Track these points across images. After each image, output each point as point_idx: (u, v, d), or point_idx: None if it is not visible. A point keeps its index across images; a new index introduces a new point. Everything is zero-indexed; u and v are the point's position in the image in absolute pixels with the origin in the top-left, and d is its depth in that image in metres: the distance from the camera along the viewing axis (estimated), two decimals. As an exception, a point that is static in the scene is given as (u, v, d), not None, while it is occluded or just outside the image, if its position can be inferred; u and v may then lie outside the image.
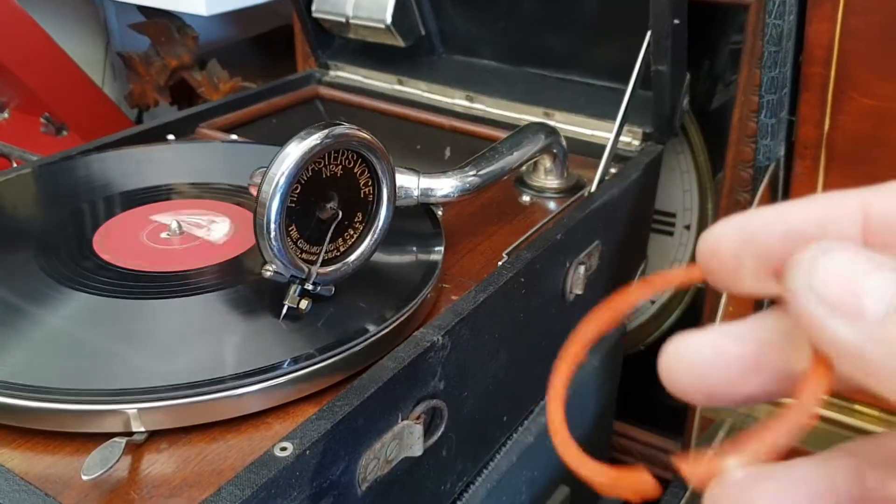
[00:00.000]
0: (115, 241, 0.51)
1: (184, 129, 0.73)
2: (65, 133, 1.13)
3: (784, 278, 0.18)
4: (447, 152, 0.77)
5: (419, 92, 0.82)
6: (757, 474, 0.18)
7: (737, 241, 0.20)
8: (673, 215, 0.83)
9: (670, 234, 0.84)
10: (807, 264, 0.18)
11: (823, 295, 0.17)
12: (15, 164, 0.89)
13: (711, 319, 0.78)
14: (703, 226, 0.82)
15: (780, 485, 0.19)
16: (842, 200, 0.19)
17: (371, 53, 0.86)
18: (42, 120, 1.12)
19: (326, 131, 0.43)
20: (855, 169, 0.59)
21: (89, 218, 0.55)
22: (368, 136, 0.45)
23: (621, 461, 0.93)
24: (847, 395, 0.67)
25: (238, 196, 0.58)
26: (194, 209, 0.55)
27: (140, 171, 0.61)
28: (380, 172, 0.47)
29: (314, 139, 0.42)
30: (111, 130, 0.70)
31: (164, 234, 0.51)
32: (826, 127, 0.59)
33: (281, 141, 0.43)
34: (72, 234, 0.52)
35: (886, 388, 0.17)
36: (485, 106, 0.78)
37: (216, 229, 0.52)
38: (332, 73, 0.87)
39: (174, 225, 0.52)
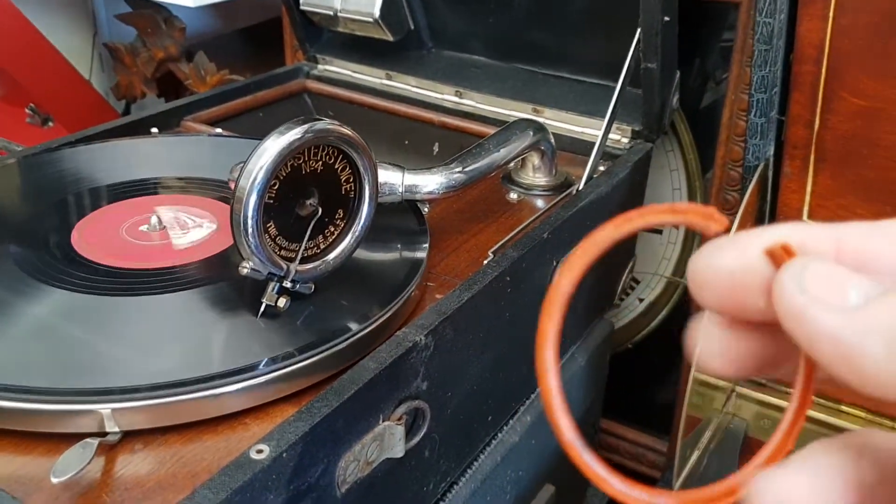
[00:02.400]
0: (94, 236, 0.50)
1: (169, 122, 0.72)
2: (50, 124, 1.11)
3: (775, 279, 0.20)
4: (436, 148, 0.77)
5: (408, 87, 0.81)
6: (781, 471, 0.20)
7: (730, 272, 0.22)
8: (662, 213, 0.83)
9: (659, 232, 0.83)
10: (798, 266, 0.20)
11: (811, 288, 0.19)
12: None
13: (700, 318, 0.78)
14: (692, 224, 0.82)
15: (804, 476, 0.20)
16: (819, 231, 0.22)
17: (360, 47, 0.85)
18: (27, 111, 1.11)
19: (306, 126, 0.42)
20: (844, 169, 0.59)
21: (69, 211, 0.54)
22: (350, 132, 0.44)
23: (608, 459, 0.93)
24: (833, 395, 0.67)
25: (221, 191, 0.57)
26: (177, 205, 0.54)
27: (123, 165, 0.60)
28: (361, 169, 0.46)
29: (294, 134, 0.41)
30: (97, 122, 0.69)
31: (143, 229, 0.51)
32: (816, 127, 0.58)
33: (267, 135, 0.42)
34: (50, 228, 0.51)
35: (859, 376, 0.19)
36: (474, 102, 0.78)
37: (197, 231, 0.51)
38: (320, 66, 0.86)
39: (154, 220, 0.51)
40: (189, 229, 0.51)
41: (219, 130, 0.70)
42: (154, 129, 0.69)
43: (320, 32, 0.87)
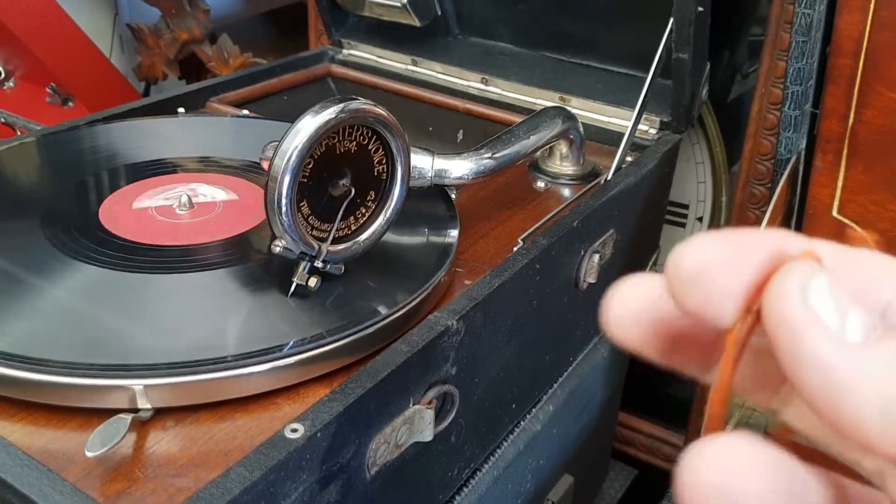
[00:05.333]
0: (123, 214, 0.50)
1: (193, 103, 0.72)
2: (71, 104, 1.11)
3: (776, 280, 0.18)
4: (460, 135, 0.76)
5: (433, 73, 0.81)
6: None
7: (721, 264, 0.19)
8: (686, 206, 0.82)
9: (682, 225, 0.83)
10: (805, 272, 0.18)
11: (815, 304, 0.17)
12: (19, 134, 0.87)
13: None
14: (715, 218, 0.81)
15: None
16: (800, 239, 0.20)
17: (385, 32, 0.84)
18: (48, 90, 1.11)
19: (342, 105, 0.41)
20: (877, 164, 0.58)
21: (97, 189, 0.54)
22: (384, 113, 0.44)
23: (623, 452, 0.93)
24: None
25: (250, 171, 0.57)
26: (206, 185, 0.54)
27: (151, 143, 0.60)
28: (394, 150, 0.46)
29: (329, 113, 0.41)
30: (118, 102, 0.69)
31: (173, 208, 0.50)
32: (850, 121, 0.57)
33: (292, 117, 0.41)
34: (79, 205, 0.51)
35: (838, 416, 0.17)
36: (500, 89, 0.77)
37: (226, 210, 0.51)
38: (345, 51, 0.86)
39: (184, 199, 0.50)
40: (218, 208, 0.51)
41: (246, 112, 0.70)
42: (181, 109, 0.68)
43: (346, 17, 0.87)
